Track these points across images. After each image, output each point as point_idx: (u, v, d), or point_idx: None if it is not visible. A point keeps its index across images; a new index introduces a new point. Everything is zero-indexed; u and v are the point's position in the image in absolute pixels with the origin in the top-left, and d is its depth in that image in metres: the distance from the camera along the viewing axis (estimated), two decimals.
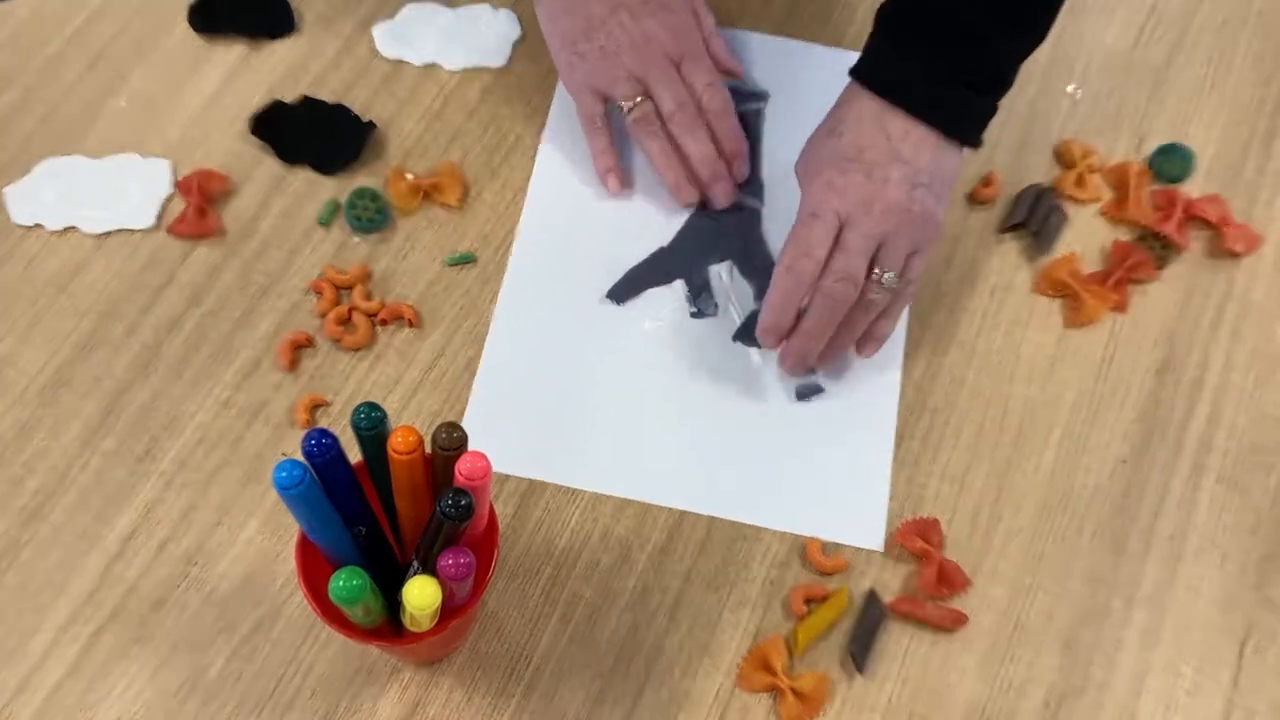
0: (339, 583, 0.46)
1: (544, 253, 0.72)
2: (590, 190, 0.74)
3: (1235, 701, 0.62)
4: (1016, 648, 0.63)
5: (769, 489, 0.66)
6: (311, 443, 0.47)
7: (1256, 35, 0.82)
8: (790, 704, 0.60)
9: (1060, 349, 0.71)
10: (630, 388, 0.69)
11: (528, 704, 0.61)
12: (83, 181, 0.72)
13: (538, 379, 0.69)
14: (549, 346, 0.70)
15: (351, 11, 0.80)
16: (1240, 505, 0.67)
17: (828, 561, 0.64)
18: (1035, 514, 0.66)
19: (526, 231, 0.73)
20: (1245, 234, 0.74)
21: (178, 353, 0.68)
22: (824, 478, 0.67)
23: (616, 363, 0.69)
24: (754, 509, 0.65)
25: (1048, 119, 0.78)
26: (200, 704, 0.60)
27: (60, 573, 0.62)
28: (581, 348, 0.70)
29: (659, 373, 0.69)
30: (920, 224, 0.63)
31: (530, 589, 0.63)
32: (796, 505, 0.66)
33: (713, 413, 0.68)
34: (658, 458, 0.67)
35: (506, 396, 0.68)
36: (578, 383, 0.69)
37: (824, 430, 0.68)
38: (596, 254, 0.72)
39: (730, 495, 0.66)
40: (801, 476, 0.67)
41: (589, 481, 0.66)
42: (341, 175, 0.74)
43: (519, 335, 0.70)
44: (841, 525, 0.65)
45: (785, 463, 0.67)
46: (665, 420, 0.68)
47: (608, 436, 0.67)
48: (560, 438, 0.67)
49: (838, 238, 0.63)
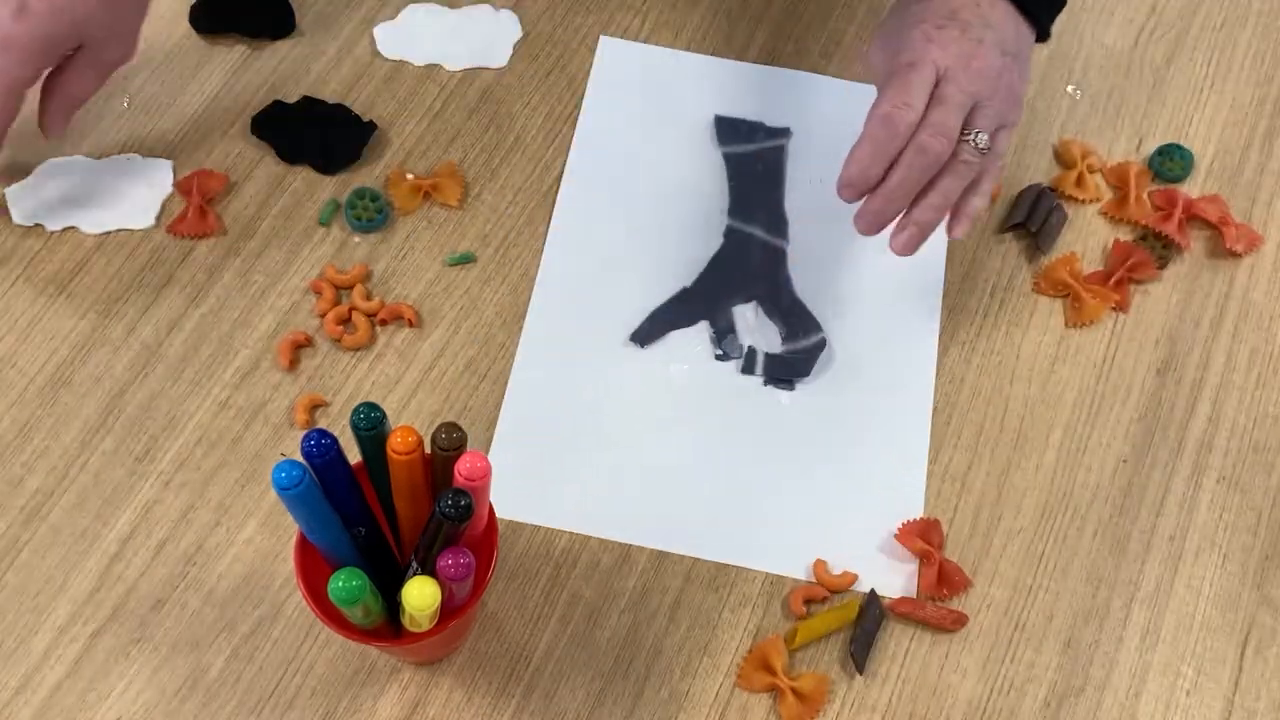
0: (338, 583, 0.46)
1: (565, 298, 0.71)
2: (611, 228, 0.73)
3: (1235, 701, 0.62)
4: (1016, 648, 0.63)
5: (791, 534, 0.65)
6: (311, 443, 0.47)
7: (1256, 35, 0.82)
8: (790, 704, 0.60)
9: (1060, 349, 0.71)
10: (655, 433, 0.67)
11: (528, 704, 0.61)
12: (83, 182, 0.72)
13: (559, 427, 0.67)
14: (571, 392, 0.68)
15: (351, 11, 0.80)
16: (1241, 505, 0.67)
17: (837, 580, 0.63)
18: (1035, 514, 0.66)
19: (549, 268, 0.71)
20: (1245, 234, 0.74)
21: (178, 353, 0.68)
22: (852, 523, 0.65)
23: (641, 408, 0.68)
24: (775, 557, 0.64)
25: (1048, 119, 0.78)
26: (200, 704, 0.60)
27: (60, 573, 0.62)
28: (605, 393, 0.68)
29: (685, 417, 0.67)
30: (1009, 95, 0.61)
31: (530, 589, 0.63)
32: (821, 552, 0.64)
33: (738, 458, 0.66)
34: (682, 505, 0.65)
35: (527, 446, 0.66)
36: (601, 429, 0.67)
37: (853, 476, 0.66)
38: (619, 296, 0.71)
39: (753, 543, 0.64)
40: (827, 523, 0.65)
41: (617, 533, 0.64)
42: (341, 175, 0.74)
43: (540, 383, 0.68)
44: (867, 573, 0.64)
45: (809, 507, 0.65)
46: (690, 466, 0.66)
47: (633, 484, 0.65)
48: (585, 486, 0.65)
49: (933, 92, 0.59)
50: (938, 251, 0.73)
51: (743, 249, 0.73)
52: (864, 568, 0.64)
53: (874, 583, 0.63)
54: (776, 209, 0.74)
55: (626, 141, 0.76)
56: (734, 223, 0.74)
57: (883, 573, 0.64)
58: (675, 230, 0.73)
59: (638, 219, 0.73)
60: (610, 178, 0.75)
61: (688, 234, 0.73)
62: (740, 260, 0.72)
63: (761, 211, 0.74)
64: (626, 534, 0.64)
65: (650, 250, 0.72)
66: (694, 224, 0.73)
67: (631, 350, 0.69)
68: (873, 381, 0.69)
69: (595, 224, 0.73)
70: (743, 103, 0.77)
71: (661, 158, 0.76)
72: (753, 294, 0.71)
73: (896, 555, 0.64)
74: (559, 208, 0.74)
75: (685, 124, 0.77)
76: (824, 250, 0.73)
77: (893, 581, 0.64)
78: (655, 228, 0.73)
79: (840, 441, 0.67)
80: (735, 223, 0.74)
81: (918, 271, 0.72)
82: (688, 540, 0.64)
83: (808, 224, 0.73)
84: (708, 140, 0.76)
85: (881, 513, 0.65)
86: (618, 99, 0.77)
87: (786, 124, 0.77)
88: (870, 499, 0.66)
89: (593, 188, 0.74)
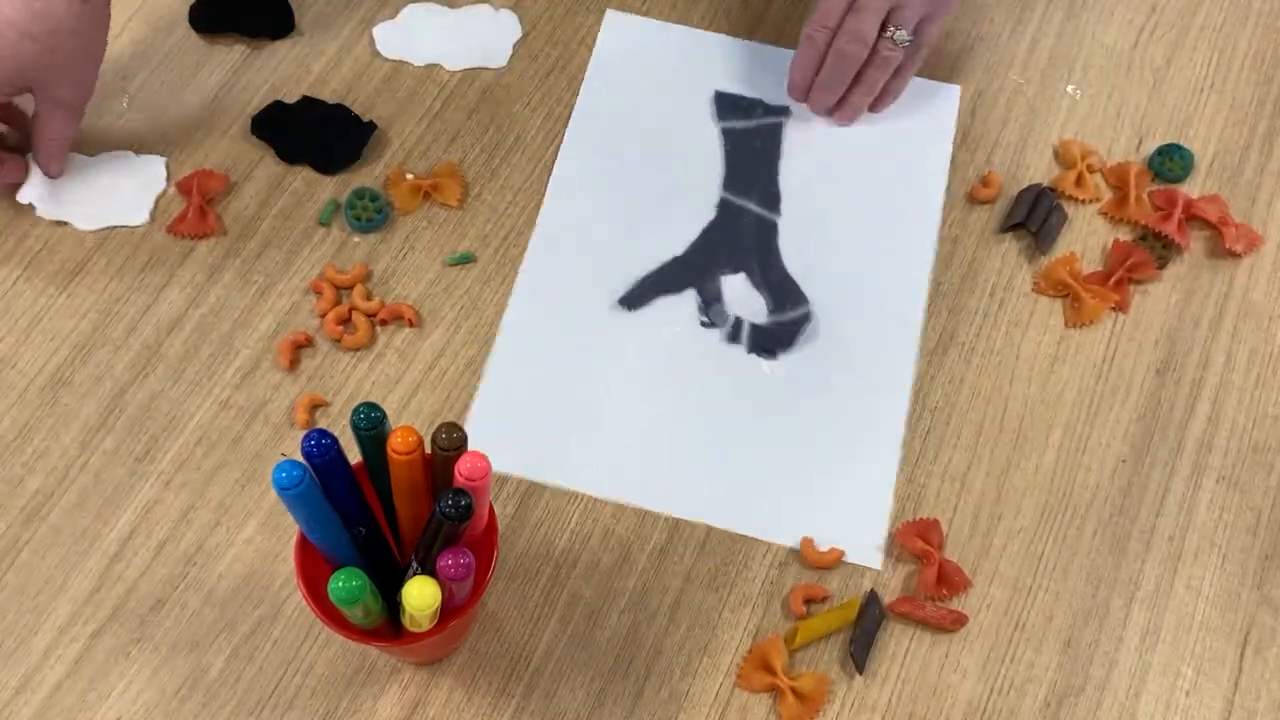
0: (338, 583, 0.46)
1: (558, 256, 0.72)
2: (607, 195, 0.74)
3: (1235, 701, 0.62)
4: (1016, 648, 0.63)
5: (770, 501, 0.66)
6: (311, 443, 0.47)
7: (1256, 35, 0.82)
8: (790, 704, 0.60)
9: (1060, 349, 0.71)
10: (638, 394, 0.68)
11: (528, 704, 0.61)
12: (77, 178, 0.72)
13: (545, 380, 0.68)
14: (558, 349, 0.69)
15: (351, 11, 0.80)
16: (1240, 505, 0.67)
17: (825, 556, 0.64)
18: (1035, 514, 0.66)
19: (541, 233, 0.73)
20: (1245, 234, 0.74)
21: (177, 353, 0.68)
22: (827, 493, 0.66)
23: (625, 368, 0.69)
24: (753, 520, 0.65)
25: (1048, 119, 0.78)
26: (200, 704, 0.60)
27: (60, 573, 0.62)
28: (591, 352, 0.69)
29: (667, 380, 0.69)
30: None
31: (530, 589, 0.63)
32: (797, 518, 0.65)
33: (719, 423, 0.68)
34: (661, 465, 0.67)
35: (513, 396, 0.68)
36: (585, 386, 0.68)
37: (830, 445, 0.68)
38: (611, 260, 0.72)
39: (731, 506, 0.66)
40: (804, 491, 0.66)
41: (591, 486, 0.66)
42: (341, 175, 0.74)
43: (529, 336, 0.70)
44: (842, 541, 0.65)
45: (788, 475, 0.67)
46: (671, 428, 0.68)
47: (613, 441, 0.67)
48: (564, 440, 0.67)
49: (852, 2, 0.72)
50: (927, 234, 0.74)
51: (735, 221, 0.74)
52: (841, 539, 0.65)
53: (847, 550, 0.64)
54: (771, 184, 0.75)
55: (627, 111, 0.77)
56: (728, 195, 0.75)
57: (856, 537, 0.65)
58: (669, 200, 0.74)
59: (633, 186, 0.75)
60: (609, 145, 0.76)
61: (681, 204, 0.74)
62: (732, 232, 0.74)
63: (756, 186, 0.75)
64: (603, 489, 0.66)
65: (643, 218, 0.74)
66: (688, 195, 0.75)
67: (619, 313, 0.71)
68: (854, 357, 0.70)
69: (591, 188, 0.75)
70: (744, 80, 0.79)
71: (660, 128, 0.77)
72: (742, 265, 0.73)
73: (872, 522, 0.65)
74: (558, 168, 0.75)
75: (685, 98, 0.78)
76: (816, 227, 0.74)
77: (868, 552, 0.65)
78: (650, 196, 0.75)
79: (819, 410, 0.69)
80: (729, 195, 0.75)
81: (906, 251, 0.73)
82: (668, 499, 0.66)
83: (801, 201, 0.75)
84: (707, 115, 0.77)
85: (858, 483, 0.67)
86: (620, 70, 0.79)
87: (786, 103, 0.78)
88: (847, 469, 0.67)
89: (591, 153, 0.76)
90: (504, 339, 0.69)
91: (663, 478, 0.66)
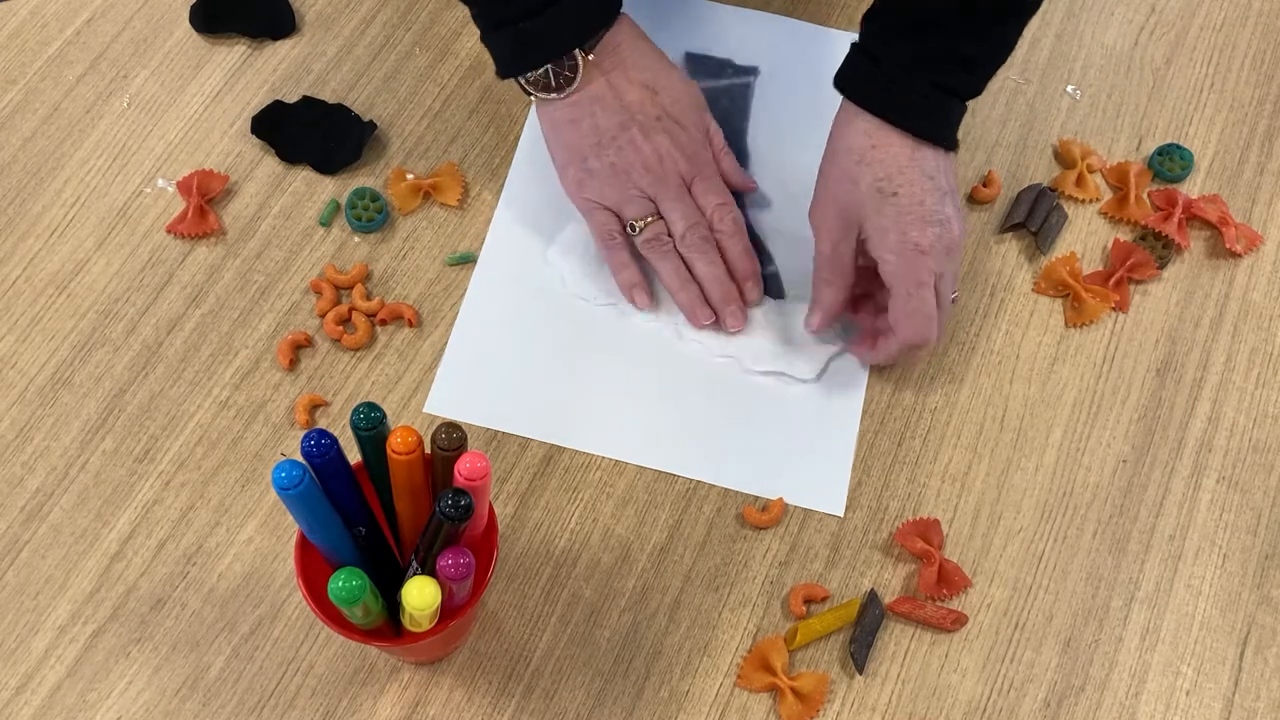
0: (338, 583, 0.46)
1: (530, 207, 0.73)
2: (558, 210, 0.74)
3: (1235, 701, 0.62)
4: (1016, 648, 0.63)
5: (736, 452, 0.67)
6: (311, 443, 0.47)
7: (1256, 35, 0.82)
8: (790, 704, 0.60)
9: (1060, 349, 0.71)
10: (604, 349, 0.69)
11: (528, 704, 0.61)
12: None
13: (513, 335, 0.70)
14: (526, 307, 0.70)
15: (352, 11, 0.80)
16: (1240, 505, 0.67)
17: (763, 516, 0.64)
18: (1035, 514, 0.66)
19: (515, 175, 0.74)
20: (1245, 234, 0.74)
21: (177, 353, 0.68)
22: (790, 442, 0.67)
23: (593, 321, 0.70)
24: (720, 470, 0.66)
25: (1048, 119, 0.78)
26: (200, 704, 0.60)
27: (60, 573, 0.62)
28: (559, 308, 0.70)
29: (633, 334, 0.70)
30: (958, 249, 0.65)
31: (530, 589, 0.63)
32: (761, 468, 0.66)
33: (683, 377, 0.69)
34: (627, 417, 0.68)
35: (481, 349, 0.69)
36: (552, 340, 0.70)
37: (795, 398, 0.69)
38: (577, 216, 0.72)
39: (697, 457, 0.67)
40: (768, 442, 0.67)
41: (558, 437, 0.67)
42: (341, 175, 0.74)
43: (499, 291, 0.71)
44: (805, 490, 0.66)
45: (754, 428, 0.68)
46: (638, 381, 0.69)
47: (580, 394, 0.68)
48: (531, 393, 0.68)
49: None
50: None
51: None
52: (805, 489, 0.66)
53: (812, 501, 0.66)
54: (739, 143, 0.76)
55: None
56: None
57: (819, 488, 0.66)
58: None
59: None
60: None
61: None
62: None
63: None
64: (565, 438, 0.67)
65: None
66: None
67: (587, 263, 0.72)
68: None
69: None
70: (714, 41, 0.79)
71: None
72: None
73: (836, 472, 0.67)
74: (529, 122, 0.76)
75: None
76: (782, 187, 0.75)
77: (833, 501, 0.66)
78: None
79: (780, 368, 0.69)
80: None
81: None
82: (634, 450, 0.67)
83: (769, 161, 0.75)
84: None
85: (822, 434, 0.68)
86: None
87: (755, 63, 0.79)
88: (805, 421, 0.68)
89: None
90: (473, 290, 0.70)
91: (625, 427, 0.67)
